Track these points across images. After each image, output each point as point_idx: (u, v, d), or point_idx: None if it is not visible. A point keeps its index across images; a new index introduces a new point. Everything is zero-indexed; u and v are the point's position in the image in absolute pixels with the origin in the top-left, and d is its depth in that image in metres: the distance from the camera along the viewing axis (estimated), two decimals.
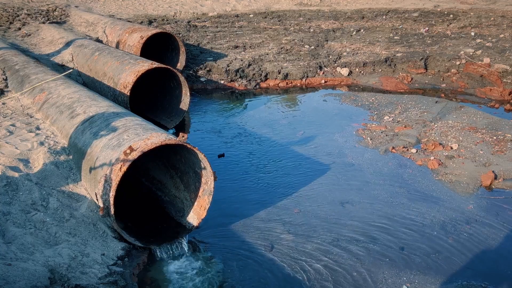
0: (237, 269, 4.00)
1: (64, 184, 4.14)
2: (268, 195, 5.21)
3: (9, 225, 3.43)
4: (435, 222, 4.67)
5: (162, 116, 7.19)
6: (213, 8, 14.84)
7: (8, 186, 3.80)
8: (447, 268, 4.01)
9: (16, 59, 6.92)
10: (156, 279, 3.85)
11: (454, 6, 15.02)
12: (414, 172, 5.73)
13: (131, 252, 3.87)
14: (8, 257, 3.06)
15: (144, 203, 4.84)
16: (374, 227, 4.59)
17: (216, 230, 4.54)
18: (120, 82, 6.19)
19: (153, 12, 13.51)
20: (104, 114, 4.44)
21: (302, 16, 14.05)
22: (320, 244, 4.32)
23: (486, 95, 8.78)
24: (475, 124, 7.01)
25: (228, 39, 11.29)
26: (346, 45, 11.07)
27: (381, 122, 7.36)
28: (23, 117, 5.29)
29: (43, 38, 9.36)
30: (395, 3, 16.15)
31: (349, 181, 5.52)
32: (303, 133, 6.98)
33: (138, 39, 8.23)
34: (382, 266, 4.03)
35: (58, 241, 3.51)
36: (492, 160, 5.84)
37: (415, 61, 9.76)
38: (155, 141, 3.66)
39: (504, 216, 4.77)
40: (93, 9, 12.81)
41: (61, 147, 4.52)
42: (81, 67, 7.44)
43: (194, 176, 4.31)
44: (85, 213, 3.91)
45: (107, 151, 3.83)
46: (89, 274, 3.28)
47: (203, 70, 9.40)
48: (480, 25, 12.12)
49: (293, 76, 9.49)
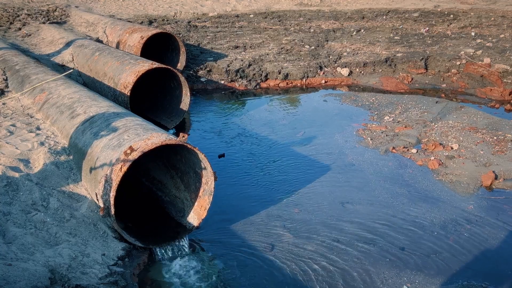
0: (238, 269, 4.00)
1: (64, 184, 4.14)
2: (268, 195, 5.21)
3: (10, 225, 3.43)
4: (436, 222, 4.67)
5: (163, 116, 7.19)
6: (214, 8, 14.84)
7: (8, 186, 3.80)
8: (447, 268, 4.01)
9: (16, 59, 6.92)
10: (156, 279, 3.85)
11: (454, 6, 15.02)
12: (414, 172, 5.73)
13: (131, 252, 3.86)
14: (9, 257, 3.06)
15: (144, 203, 4.85)
16: (374, 227, 4.59)
17: (216, 230, 4.54)
18: (120, 82, 6.19)
19: (154, 12, 13.52)
20: (105, 114, 4.44)
21: (302, 16, 14.05)
22: (321, 244, 4.32)
23: (486, 95, 8.78)
24: (476, 124, 7.00)
25: (229, 39, 11.29)
26: (347, 45, 11.06)
27: (382, 122, 7.36)
28: (24, 117, 5.29)
29: (44, 38, 9.36)
30: (395, 3, 16.15)
31: (350, 181, 5.52)
32: (303, 133, 6.98)
33: (139, 39, 8.23)
34: (382, 266, 4.03)
35: (59, 241, 3.51)
36: (493, 160, 5.84)
37: (416, 61, 9.76)
38: (155, 141, 3.66)
39: (504, 216, 4.77)
40: (93, 9, 12.82)
41: (61, 147, 4.52)
42: (82, 67, 7.44)
43: (194, 176, 4.31)
44: (86, 213, 3.91)
45: (108, 151, 3.83)
46: (89, 274, 3.28)
47: (204, 70, 9.40)
48: (480, 25, 12.12)
49: (293, 76, 9.49)
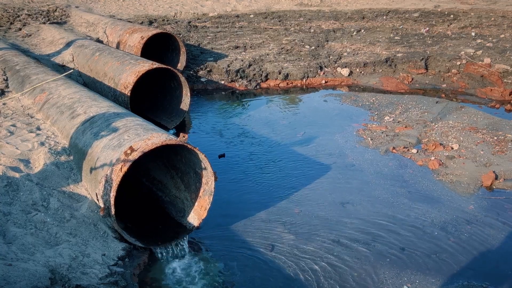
0: (238, 269, 4.00)
1: (64, 184, 4.14)
2: (268, 195, 5.21)
3: (10, 225, 3.43)
4: (436, 222, 4.67)
5: (163, 116, 7.19)
6: (214, 8, 14.85)
7: (8, 187, 3.80)
8: (447, 268, 4.01)
9: (16, 59, 6.92)
10: (156, 279, 3.85)
11: (454, 6, 15.02)
12: (414, 172, 5.73)
13: (131, 252, 3.86)
14: (9, 258, 3.06)
15: (144, 203, 4.85)
16: (374, 228, 4.59)
17: (216, 230, 4.54)
18: (120, 82, 6.19)
19: (154, 13, 13.52)
20: (105, 115, 4.44)
21: (302, 17, 14.05)
22: (321, 245, 4.32)
23: (486, 95, 8.78)
24: (476, 124, 7.00)
25: (229, 39, 11.29)
26: (347, 45, 11.06)
27: (382, 122, 7.36)
28: (24, 117, 5.29)
29: (44, 38, 9.37)
30: (396, 3, 16.15)
31: (350, 181, 5.52)
32: (303, 133, 6.98)
33: (139, 39, 8.23)
34: (382, 266, 4.03)
35: (59, 242, 3.51)
36: (493, 160, 5.84)
37: (416, 61, 9.76)
38: (155, 142, 3.66)
39: (504, 216, 4.77)
40: (93, 10, 12.82)
41: (61, 148, 4.52)
42: (82, 68, 7.44)
43: (194, 177, 4.31)
44: (86, 213, 3.91)
45: (108, 151, 3.83)
46: (89, 274, 3.29)
47: (204, 71, 9.40)
48: (480, 25, 12.12)
49: (293, 76, 9.49)
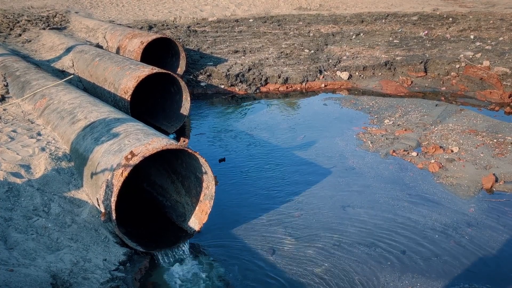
0: (239, 273, 4.00)
1: (65, 189, 4.15)
2: (269, 199, 5.21)
3: (11, 231, 3.43)
4: (437, 225, 4.67)
5: (163, 121, 7.20)
6: (213, 13, 14.90)
7: (9, 192, 3.81)
8: (449, 271, 4.00)
9: (16, 65, 6.94)
10: (158, 284, 3.84)
11: (453, 10, 15.07)
12: (415, 175, 5.73)
13: (132, 257, 3.86)
14: (10, 263, 3.06)
15: (145, 208, 4.85)
16: (375, 231, 4.59)
17: (217, 234, 4.54)
18: (120, 87, 6.20)
19: (153, 18, 13.57)
20: (105, 120, 4.46)
21: (301, 21, 14.10)
22: (322, 248, 4.32)
23: (486, 98, 8.79)
24: (476, 127, 7.01)
25: (228, 44, 11.33)
26: (346, 49, 11.10)
27: (382, 126, 7.37)
28: (24, 123, 5.31)
29: (44, 44, 9.40)
30: (394, 7, 16.21)
31: (350, 184, 5.52)
32: (303, 137, 6.99)
33: (139, 44, 8.25)
34: (383, 270, 4.03)
35: (60, 247, 3.51)
36: (493, 162, 5.84)
37: (415, 65, 9.79)
38: (156, 146, 3.67)
39: (505, 219, 4.77)
40: (93, 15, 12.87)
41: (62, 153, 4.53)
42: (82, 73, 7.47)
43: (195, 181, 4.32)
44: (87, 218, 3.91)
45: (108, 156, 3.84)
46: (91, 279, 3.28)
47: (204, 75, 9.43)
48: (479, 28, 12.16)
49: (293, 80, 9.51)
